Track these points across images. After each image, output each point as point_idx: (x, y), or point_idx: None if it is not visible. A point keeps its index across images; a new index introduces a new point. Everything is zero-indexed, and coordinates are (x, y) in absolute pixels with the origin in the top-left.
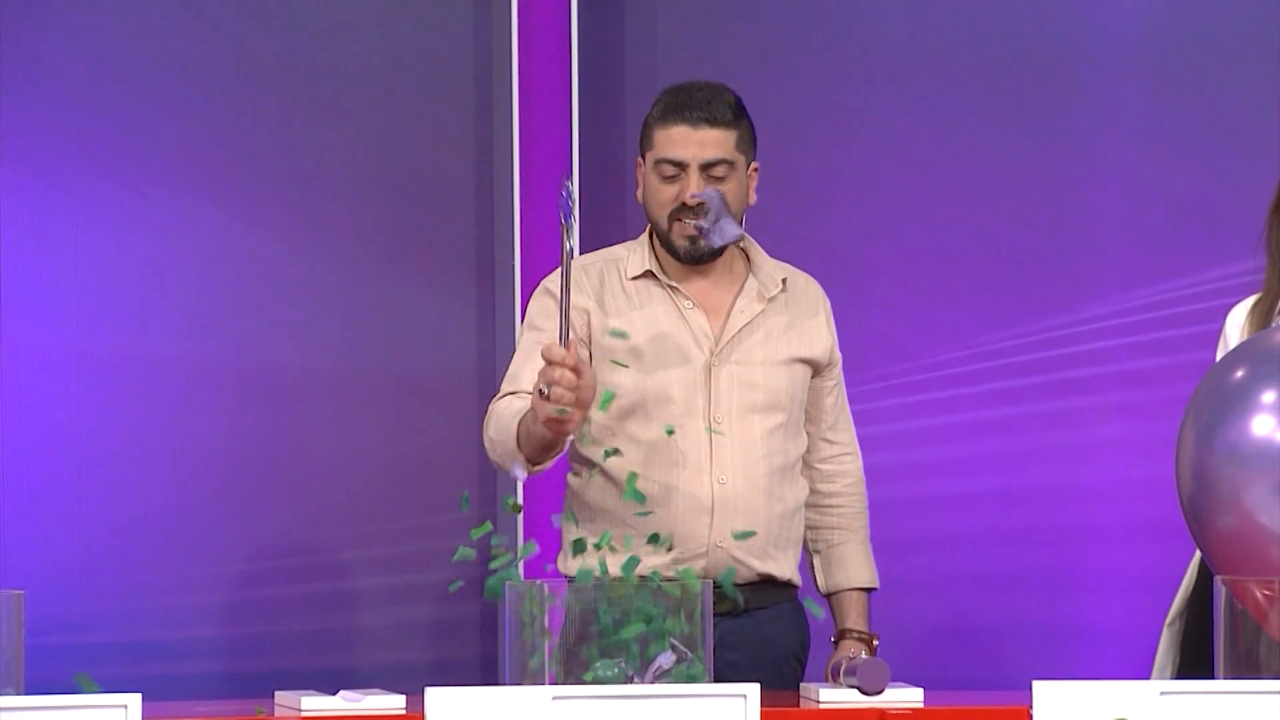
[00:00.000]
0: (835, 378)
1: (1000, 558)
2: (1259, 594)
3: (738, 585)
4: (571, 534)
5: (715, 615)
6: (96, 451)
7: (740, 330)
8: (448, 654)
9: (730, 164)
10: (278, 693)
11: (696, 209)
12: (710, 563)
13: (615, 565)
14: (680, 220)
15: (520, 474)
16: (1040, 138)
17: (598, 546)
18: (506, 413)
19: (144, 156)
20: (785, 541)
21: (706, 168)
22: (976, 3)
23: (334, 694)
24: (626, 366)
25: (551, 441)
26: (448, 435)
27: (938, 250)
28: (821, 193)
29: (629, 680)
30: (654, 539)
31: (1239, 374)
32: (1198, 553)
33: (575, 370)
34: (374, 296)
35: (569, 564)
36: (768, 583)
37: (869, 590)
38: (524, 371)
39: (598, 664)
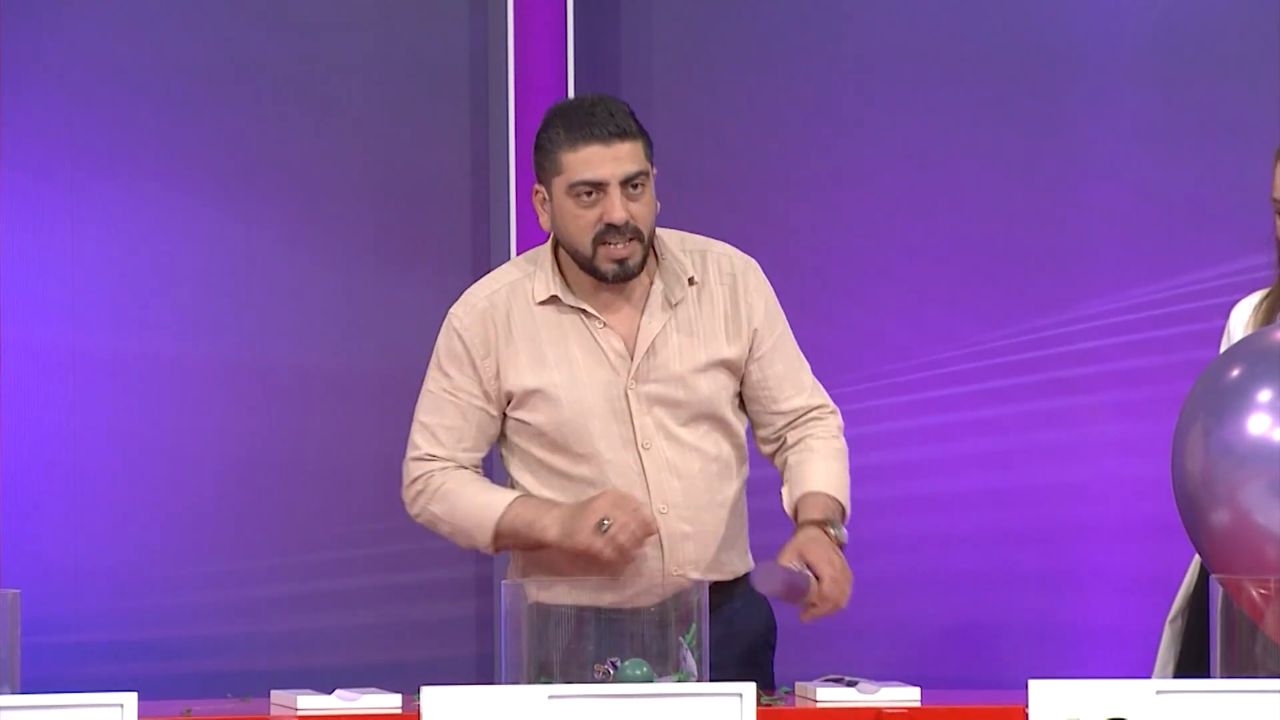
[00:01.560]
0: (769, 348)
1: (996, 557)
2: (1255, 593)
3: None
4: (518, 564)
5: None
6: (92, 450)
7: (652, 344)
8: (444, 653)
9: (646, 174)
10: (274, 691)
11: (622, 228)
12: (669, 586)
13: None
14: (606, 244)
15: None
16: (1035, 136)
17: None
18: (464, 498)
19: (140, 155)
20: (733, 536)
21: (626, 182)
22: (972, 2)
23: (330, 693)
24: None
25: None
26: None
27: (932, 249)
28: (816, 192)
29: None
30: None
31: (1235, 372)
32: None
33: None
34: (370, 295)
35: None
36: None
37: (833, 498)
38: (440, 431)
39: (627, 664)
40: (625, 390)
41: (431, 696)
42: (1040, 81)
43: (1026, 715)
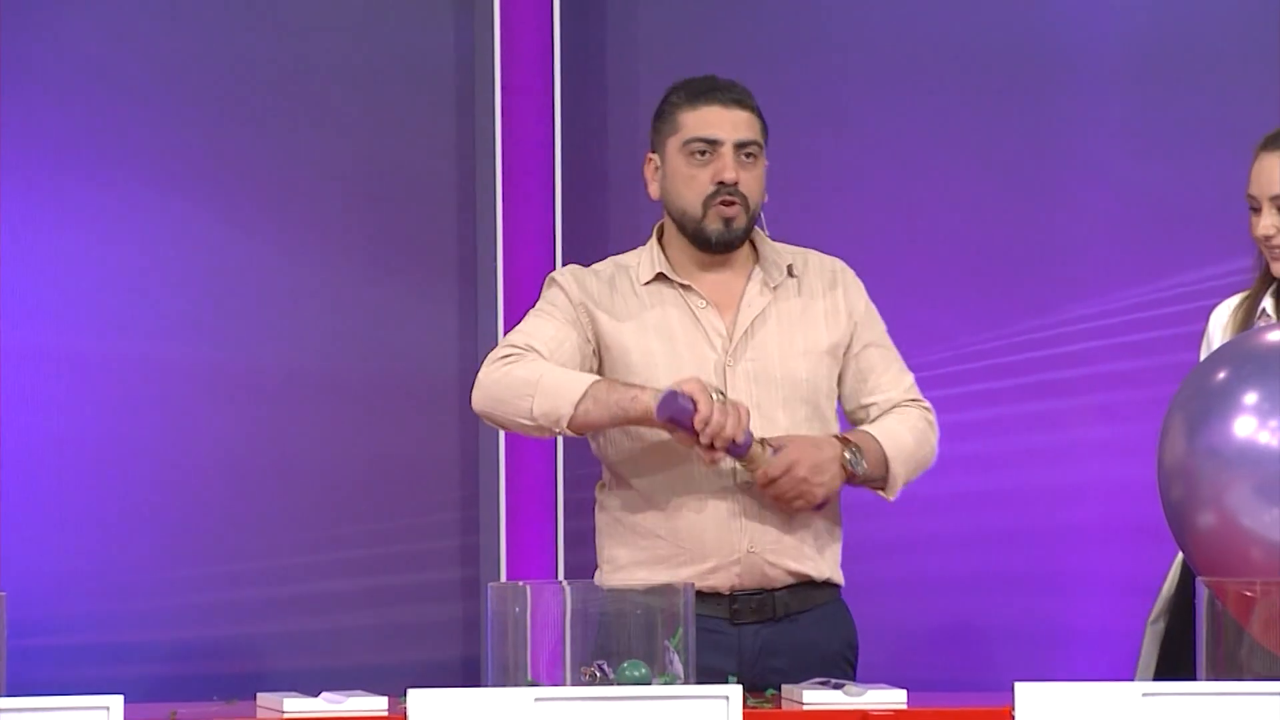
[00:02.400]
0: (867, 343)
1: (983, 559)
2: (1241, 595)
3: (773, 591)
4: (605, 550)
5: (755, 623)
6: (79, 453)
7: (751, 324)
8: (430, 655)
9: (760, 146)
10: (260, 694)
11: (733, 189)
12: (744, 569)
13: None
14: (717, 204)
15: (532, 425)
16: (1023, 139)
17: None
18: (553, 368)
19: (127, 158)
20: (823, 538)
21: (740, 147)
22: (961, 3)
23: (316, 695)
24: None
25: (623, 420)
26: (430, 436)
27: (920, 251)
28: (805, 193)
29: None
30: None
31: (1222, 375)
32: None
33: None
34: (357, 298)
35: (607, 580)
36: (806, 584)
37: (877, 441)
38: (539, 332)
39: (625, 665)
40: (724, 366)
41: (418, 699)
42: (1027, 84)
43: (1012, 718)
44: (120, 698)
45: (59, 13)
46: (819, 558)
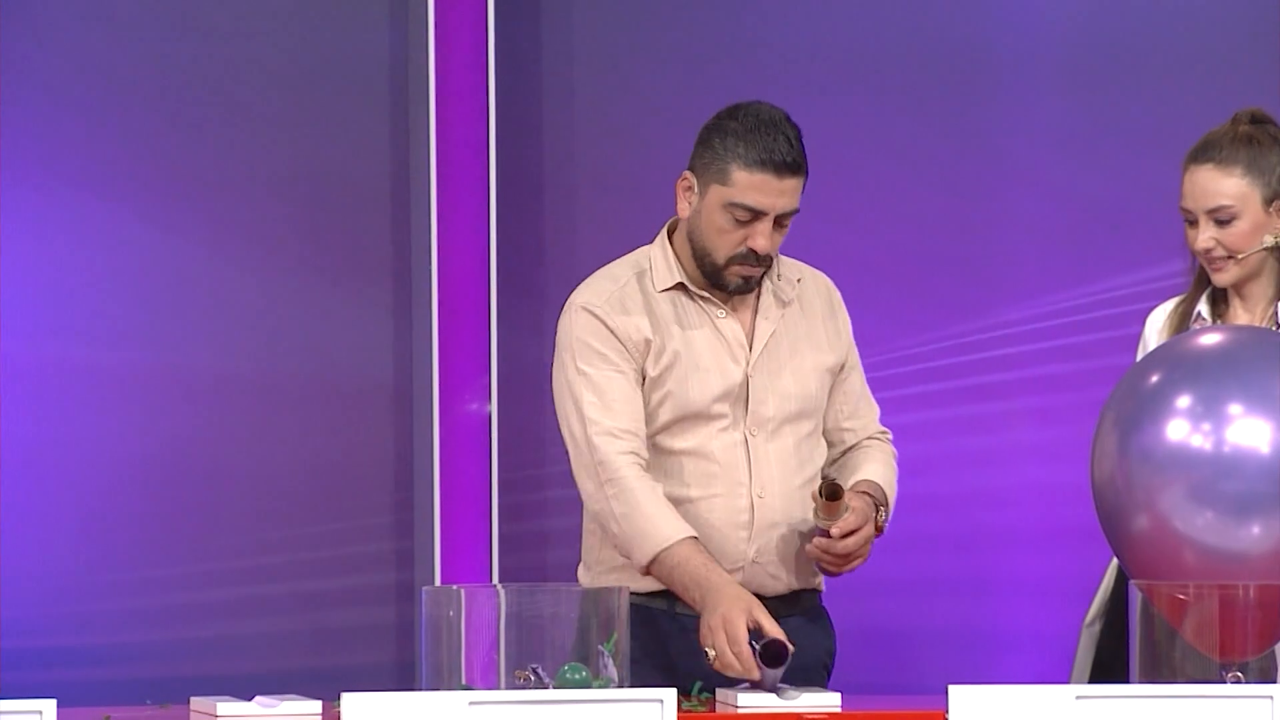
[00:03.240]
0: (851, 365)
1: (916, 563)
2: (1173, 598)
3: (770, 599)
4: (598, 552)
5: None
6: (8, 457)
7: (769, 338)
8: (365, 659)
9: (797, 211)
10: (193, 698)
11: (762, 257)
12: (747, 578)
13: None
14: (741, 264)
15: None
16: (954, 141)
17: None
18: (645, 508)
19: (59, 162)
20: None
21: (779, 218)
22: (891, 7)
23: (250, 699)
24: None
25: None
26: (365, 439)
27: (850, 255)
28: None
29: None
30: None
31: (1154, 379)
32: None
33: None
34: (291, 302)
35: (598, 580)
36: (793, 590)
37: (881, 489)
38: (616, 405)
39: (565, 668)
40: (746, 376)
41: (352, 702)
42: (960, 87)
43: None
44: (53, 702)
45: None
46: (811, 570)
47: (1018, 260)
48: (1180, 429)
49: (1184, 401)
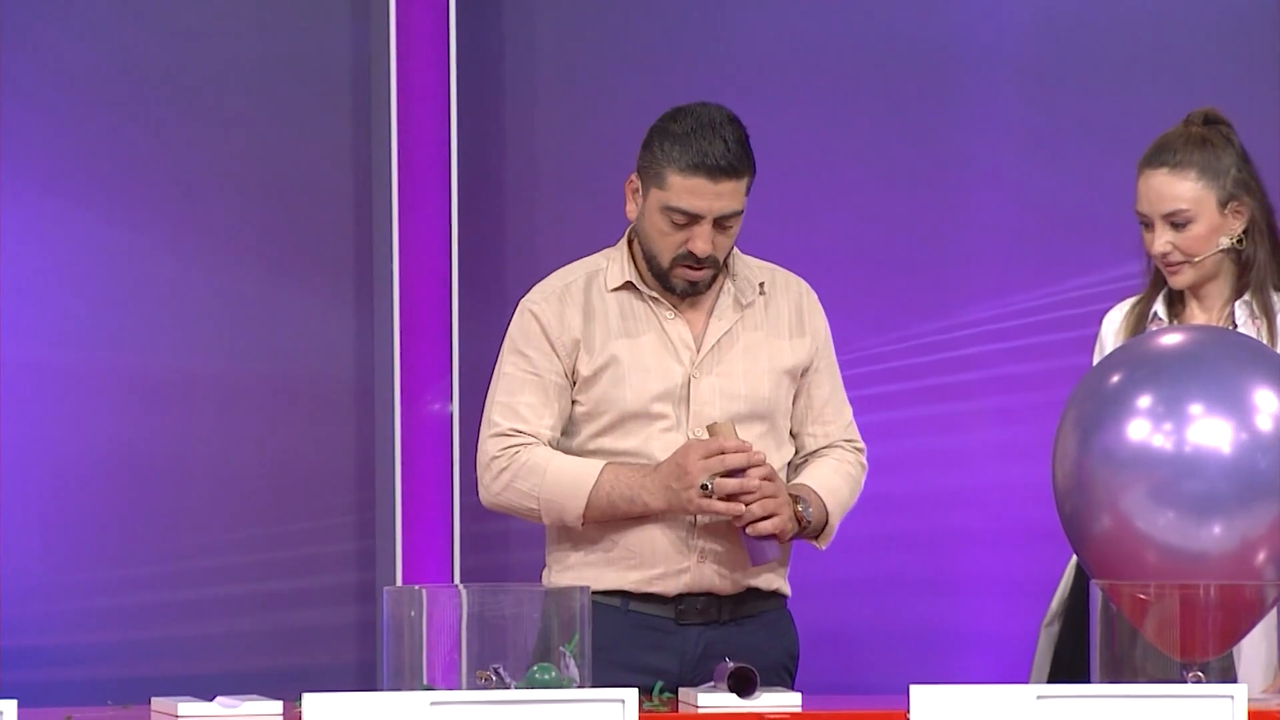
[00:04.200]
0: (820, 369)
1: (876, 562)
2: (1135, 598)
3: (721, 597)
4: (555, 550)
5: (700, 624)
6: None
7: (720, 340)
8: (326, 660)
9: (740, 213)
10: (154, 699)
11: (703, 260)
12: (694, 578)
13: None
14: (684, 266)
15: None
16: (915, 142)
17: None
18: (551, 471)
19: (20, 160)
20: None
21: (719, 220)
22: (852, 7)
23: (211, 700)
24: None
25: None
26: (327, 439)
27: (812, 254)
28: None
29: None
30: None
31: (1116, 378)
32: None
33: (769, 477)
34: (253, 300)
35: (555, 578)
36: (752, 592)
37: (819, 495)
38: (522, 408)
39: (535, 669)
40: (689, 378)
41: (313, 703)
42: (921, 88)
43: None
44: (14, 702)
45: None
46: (766, 569)
47: (979, 261)
48: (1141, 429)
49: (1145, 401)
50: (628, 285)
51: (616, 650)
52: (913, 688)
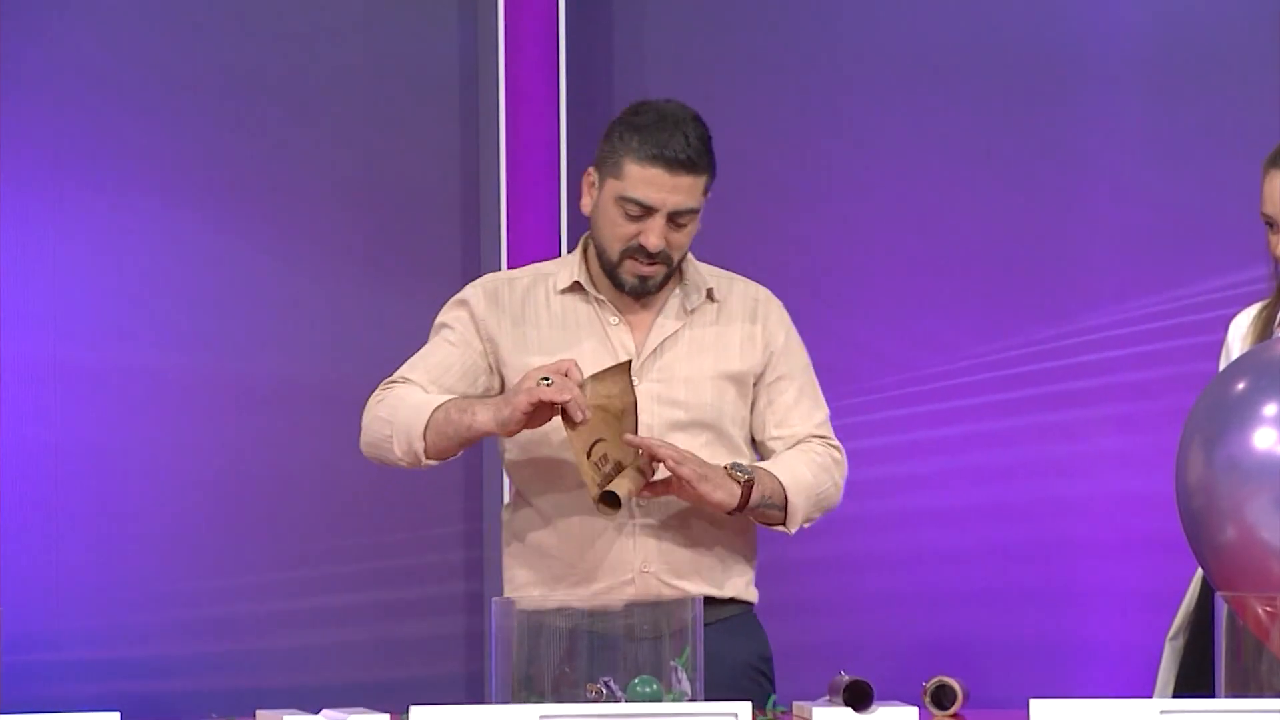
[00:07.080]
0: (781, 375)
1: (997, 573)
2: (1260, 610)
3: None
4: (508, 571)
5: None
6: (74, 464)
7: (660, 345)
8: (433, 671)
9: (695, 211)
10: (259, 711)
11: (655, 255)
12: (639, 590)
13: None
14: (634, 259)
15: (404, 462)
16: (1037, 145)
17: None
18: (410, 398)
19: (126, 165)
20: (730, 559)
21: (674, 215)
22: (971, 9)
23: (317, 712)
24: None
25: (469, 440)
26: None
27: (932, 260)
28: (813, 202)
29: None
30: None
31: (1240, 386)
32: None
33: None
34: (358, 306)
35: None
36: (711, 600)
37: (771, 474)
38: (422, 360)
39: (636, 681)
40: None
41: (421, 715)
42: (1041, 90)
43: None
44: (116, 715)
45: (57, 17)
46: (723, 577)
47: (1100, 265)
48: (1267, 437)
49: (1271, 409)
50: (575, 286)
51: (591, 674)
52: (1033, 701)
